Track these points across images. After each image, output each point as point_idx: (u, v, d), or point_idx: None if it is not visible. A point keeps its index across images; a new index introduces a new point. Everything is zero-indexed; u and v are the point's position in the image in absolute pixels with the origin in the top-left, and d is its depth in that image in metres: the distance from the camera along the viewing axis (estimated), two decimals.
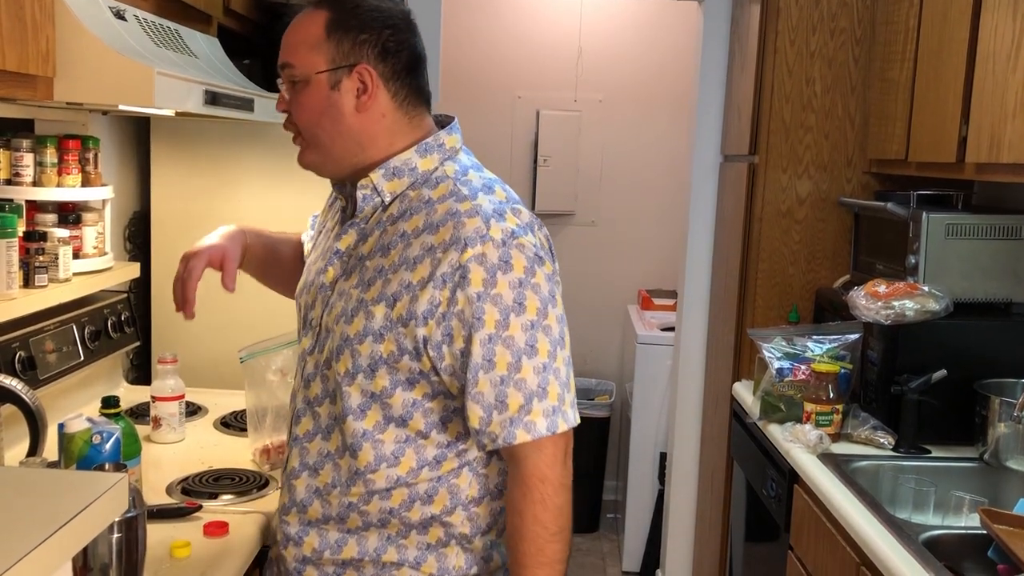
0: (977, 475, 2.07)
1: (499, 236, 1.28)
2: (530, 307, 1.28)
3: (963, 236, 2.26)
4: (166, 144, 2.49)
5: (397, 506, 1.36)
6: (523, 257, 1.29)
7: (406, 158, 1.37)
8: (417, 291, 1.28)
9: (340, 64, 1.34)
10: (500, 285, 1.27)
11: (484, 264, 1.27)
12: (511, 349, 1.27)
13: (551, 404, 1.29)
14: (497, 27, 4.40)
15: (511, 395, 1.28)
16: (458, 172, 1.38)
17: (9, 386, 1.55)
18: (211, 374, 2.46)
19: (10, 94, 1.44)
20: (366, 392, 1.33)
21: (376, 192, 1.37)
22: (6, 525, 0.89)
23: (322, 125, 1.36)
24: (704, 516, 3.31)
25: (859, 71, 2.76)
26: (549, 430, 1.29)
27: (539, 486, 1.30)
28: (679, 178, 4.01)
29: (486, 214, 1.30)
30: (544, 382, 1.29)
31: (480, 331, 1.26)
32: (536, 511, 1.30)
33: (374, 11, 1.36)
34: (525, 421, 1.28)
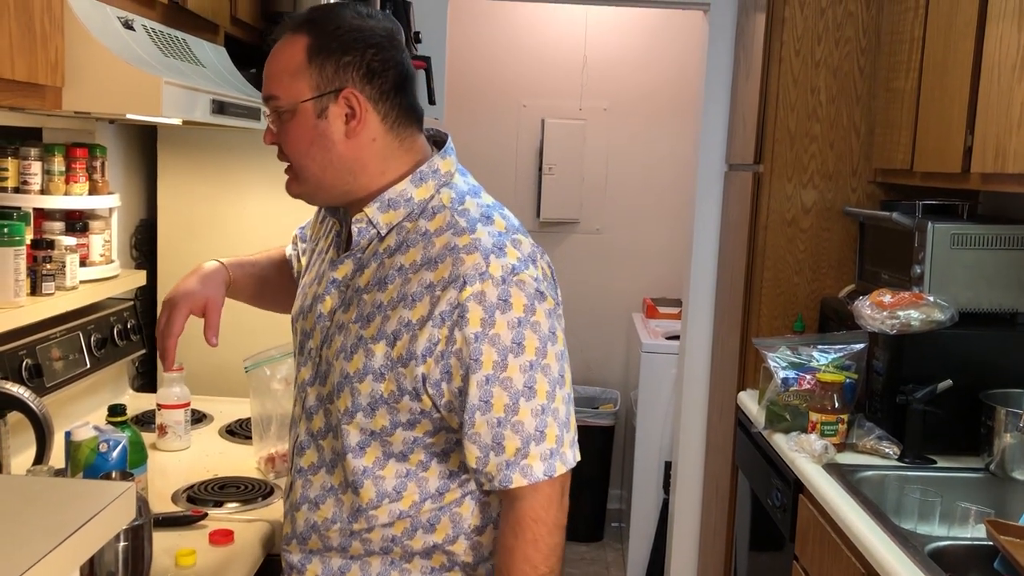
0: (983, 486, 2.07)
1: (499, 273, 1.25)
2: (529, 347, 1.25)
3: (968, 246, 2.26)
4: (173, 152, 2.50)
5: (400, 534, 1.35)
6: (523, 295, 1.25)
7: (401, 189, 1.32)
8: (416, 330, 1.25)
9: (325, 90, 1.29)
10: (498, 325, 1.24)
11: (483, 303, 1.23)
12: (508, 391, 1.24)
13: (548, 447, 1.26)
14: (502, 36, 4.42)
15: (508, 438, 1.25)
16: (455, 201, 1.33)
17: (16, 394, 1.55)
18: (216, 382, 2.46)
19: (19, 103, 1.45)
20: (365, 431, 1.31)
21: (372, 225, 1.33)
22: (15, 534, 0.90)
23: (311, 155, 1.31)
24: (709, 525, 3.31)
25: (864, 81, 2.76)
26: (546, 474, 1.26)
27: (532, 526, 1.28)
28: (684, 187, 4.02)
29: (485, 250, 1.26)
30: (542, 424, 1.26)
31: (477, 372, 1.24)
32: (527, 551, 1.28)
33: (355, 31, 1.30)
34: (522, 465, 1.26)
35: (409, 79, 1.35)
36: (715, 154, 3.27)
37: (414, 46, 2.85)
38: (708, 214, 3.29)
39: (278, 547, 1.65)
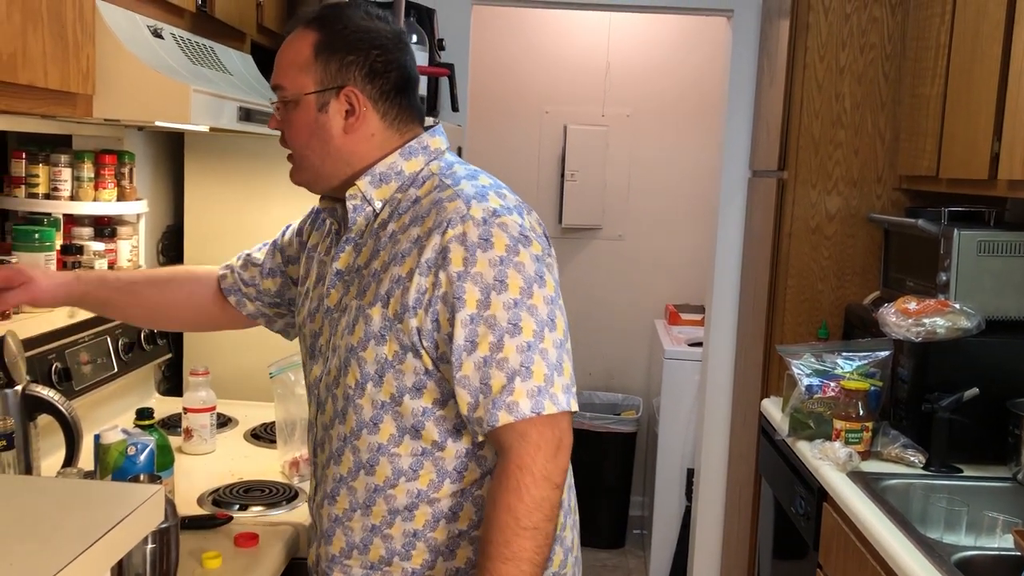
0: (1010, 495, 2.05)
1: (479, 215, 1.26)
2: (512, 285, 1.24)
3: (995, 253, 2.24)
4: (199, 159, 2.53)
5: (422, 527, 1.32)
6: (505, 235, 1.26)
7: (391, 162, 1.36)
8: (406, 282, 1.27)
9: (327, 86, 1.33)
10: (480, 263, 1.24)
11: (464, 243, 1.25)
12: (493, 329, 1.23)
13: (536, 384, 1.23)
14: (525, 43, 4.43)
15: (494, 375, 1.23)
16: (443, 168, 1.37)
17: (46, 397, 1.58)
18: (242, 386, 2.48)
19: (51, 111, 1.47)
20: (376, 402, 1.31)
21: (366, 200, 1.36)
22: (47, 536, 0.91)
23: (311, 146, 1.36)
24: (731, 533, 3.29)
25: (889, 87, 2.75)
26: (533, 410, 1.22)
27: (516, 474, 1.23)
28: (707, 193, 4.01)
29: (467, 196, 1.29)
30: (528, 361, 1.23)
31: (462, 311, 1.24)
32: (510, 500, 1.22)
33: (362, 32, 1.34)
34: (507, 402, 1.22)
35: (411, 81, 1.40)
36: (739, 160, 3.26)
37: (438, 53, 2.87)
38: (731, 220, 3.28)
39: (303, 551, 1.67)
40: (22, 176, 1.95)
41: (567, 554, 1.43)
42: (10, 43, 1.28)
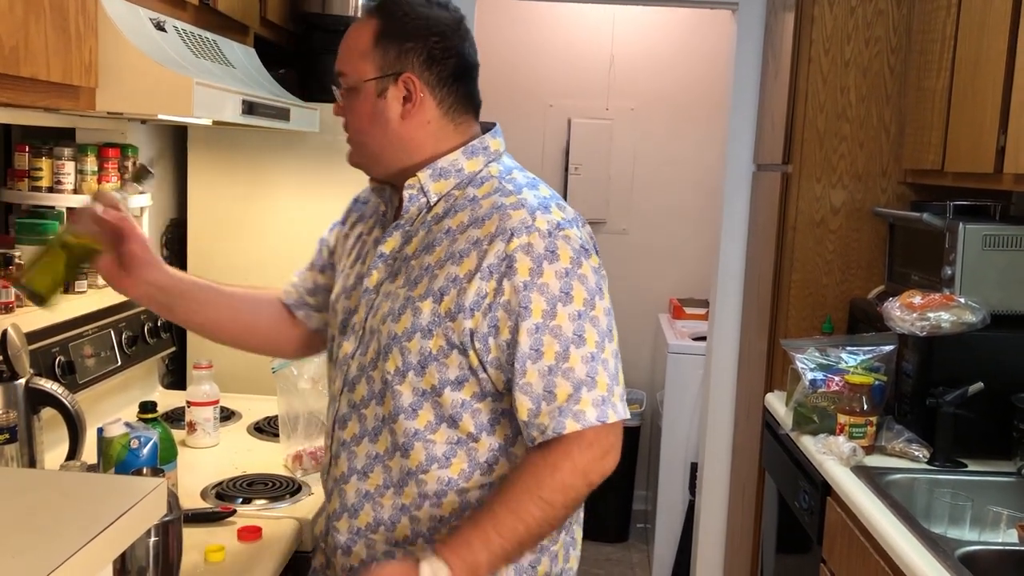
0: (1015, 490, 2.04)
1: (545, 227, 1.29)
2: (577, 297, 1.28)
3: (1000, 247, 2.23)
4: (203, 152, 2.53)
5: (448, 514, 1.34)
6: (569, 248, 1.30)
7: (453, 159, 1.38)
8: (464, 284, 1.29)
9: (386, 72, 1.36)
10: (547, 275, 1.27)
11: (531, 254, 1.27)
12: (559, 339, 1.27)
13: (600, 394, 1.28)
14: (529, 36, 4.42)
15: (560, 384, 1.27)
16: (502, 172, 1.40)
17: (50, 390, 1.58)
18: (245, 380, 2.48)
19: (54, 104, 1.47)
20: (417, 390, 1.33)
21: (422, 192, 1.38)
22: (51, 528, 0.91)
23: (370, 132, 1.39)
24: (735, 527, 3.29)
25: (894, 80, 2.74)
26: (599, 419, 1.27)
27: (560, 459, 1.27)
28: (711, 187, 4.00)
29: (531, 206, 1.32)
30: (593, 371, 1.28)
31: (527, 320, 1.26)
32: (542, 473, 1.27)
33: (421, 19, 1.36)
34: (574, 411, 1.27)
35: (469, 69, 1.41)
36: (743, 154, 3.25)
37: None
38: (736, 214, 3.27)
39: (306, 544, 1.67)
40: (25, 169, 1.95)
41: (570, 549, 1.45)
42: (12, 35, 1.28)
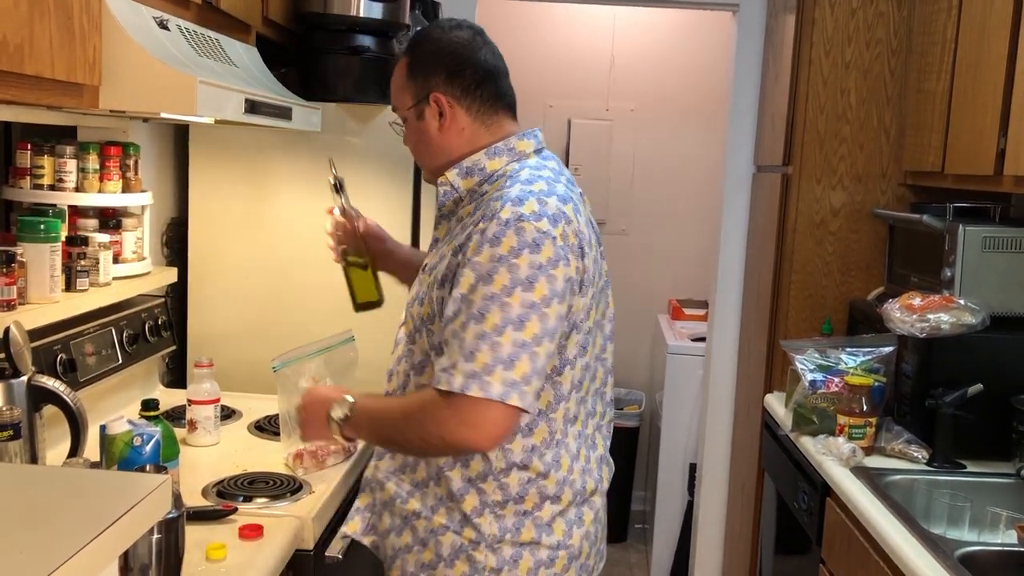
0: (1014, 491, 2.05)
1: (505, 216, 1.42)
2: (497, 282, 1.39)
3: (1000, 249, 2.24)
4: (204, 151, 2.53)
5: (443, 464, 1.54)
6: (515, 239, 1.40)
7: (476, 159, 1.57)
8: (447, 260, 1.50)
9: (419, 98, 1.57)
10: (483, 255, 1.41)
11: (483, 235, 1.43)
12: (467, 311, 1.41)
13: (474, 368, 1.38)
14: (530, 36, 4.42)
15: (450, 350, 1.42)
16: (515, 171, 1.54)
17: (52, 387, 1.58)
18: (245, 378, 2.48)
19: (57, 102, 1.47)
20: (424, 349, 1.56)
21: (453, 188, 1.59)
22: (56, 524, 0.91)
23: (419, 149, 1.63)
24: (734, 528, 3.29)
25: (895, 82, 2.74)
26: (460, 388, 1.38)
27: (435, 411, 1.42)
28: (711, 188, 4.00)
29: (507, 198, 1.46)
30: (477, 348, 1.38)
31: (456, 290, 1.44)
32: (426, 410, 1.44)
33: (436, 43, 1.57)
34: (449, 374, 1.40)
35: (490, 73, 1.58)
36: (743, 155, 3.25)
37: None
38: (736, 215, 3.28)
39: (307, 542, 1.67)
40: (27, 167, 1.95)
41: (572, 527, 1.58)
42: (17, 33, 1.28)
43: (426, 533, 1.56)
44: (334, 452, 1.97)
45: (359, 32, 2.45)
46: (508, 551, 1.52)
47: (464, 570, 1.53)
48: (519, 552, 1.53)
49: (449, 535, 1.54)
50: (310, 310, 2.47)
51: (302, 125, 2.18)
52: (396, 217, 2.47)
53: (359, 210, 1.92)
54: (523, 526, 1.52)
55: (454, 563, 1.54)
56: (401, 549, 1.60)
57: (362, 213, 1.93)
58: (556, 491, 1.54)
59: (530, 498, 1.52)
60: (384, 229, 1.96)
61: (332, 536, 1.81)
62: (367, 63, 2.46)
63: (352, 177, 2.56)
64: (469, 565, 1.53)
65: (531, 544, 1.53)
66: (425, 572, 1.57)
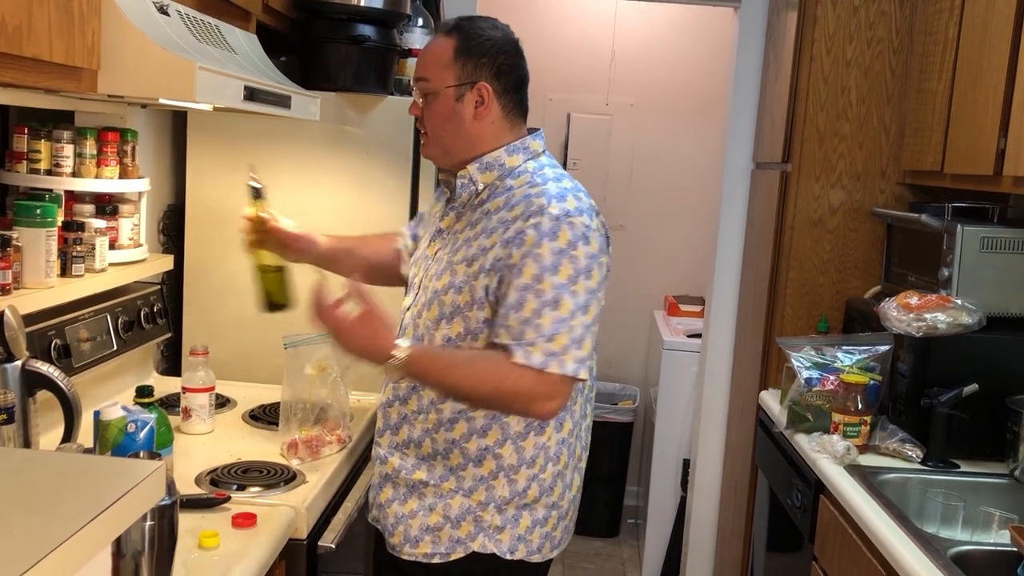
0: (1007, 491, 2.05)
1: (555, 212, 1.59)
2: (563, 272, 1.57)
3: (998, 250, 2.24)
4: (202, 138, 2.52)
5: (459, 437, 1.66)
6: (570, 232, 1.58)
7: (496, 155, 1.70)
8: (489, 251, 1.61)
9: (463, 81, 1.67)
10: (544, 248, 1.57)
11: (538, 230, 1.57)
12: (539, 299, 1.56)
13: (554, 348, 1.56)
14: (530, 29, 4.41)
15: (528, 332, 1.56)
16: (536, 168, 1.71)
17: (46, 372, 1.57)
18: (239, 367, 2.48)
19: (55, 86, 1.46)
20: (446, 336, 1.65)
21: (471, 181, 1.70)
22: (51, 508, 0.91)
23: (446, 128, 1.70)
24: (726, 524, 3.30)
25: (895, 81, 2.74)
26: (541, 366, 1.56)
27: (517, 374, 1.56)
28: (709, 184, 4.00)
29: (550, 195, 1.62)
30: (556, 331, 1.56)
31: (518, 280, 1.57)
32: (501, 372, 1.57)
33: (491, 40, 1.69)
34: (528, 350, 1.56)
35: (525, 83, 1.76)
36: (742, 152, 3.25)
37: None
38: (734, 212, 3.28)
39: (301, 532, 1.67)
40: (24, 151, 1.94)
41: (566, 490, 1.74)
42: (16, 15, 1.27)
43: (434, 499, 1.68)
44: (329, 443, 1.97)
45: (360, 21, 2.44)
46: (512, 511, 1.68)
47: (470, 530, 1.67)
48: (520, 512, 1.68)
49: (458, 498, 1.67)
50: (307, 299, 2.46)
51: (301, 114, 2.17)
52: (394, 207, 2.47)
53: (277, 214, 1.99)
54: (530, 488, 1.68)
55: (460, 524, 1.67)
56: (405, 516, 1.71)
57: (279, 217, 1.99)
58: (556, 452, 1.70)
59: (538, 461, 1.68)
60: (303, 228, 2.00)
61: (326, 526, 1.81)
62: (367, 53, 2.45)
63: (350, 167, 2.56)
64: (475, 525, 1.67)
65: (532, 504, 1.68)
66: (430, 534, 1.69)
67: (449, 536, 1.68)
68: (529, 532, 1.70)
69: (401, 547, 1.71)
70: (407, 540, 1.70)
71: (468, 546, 1.68)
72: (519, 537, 1.69)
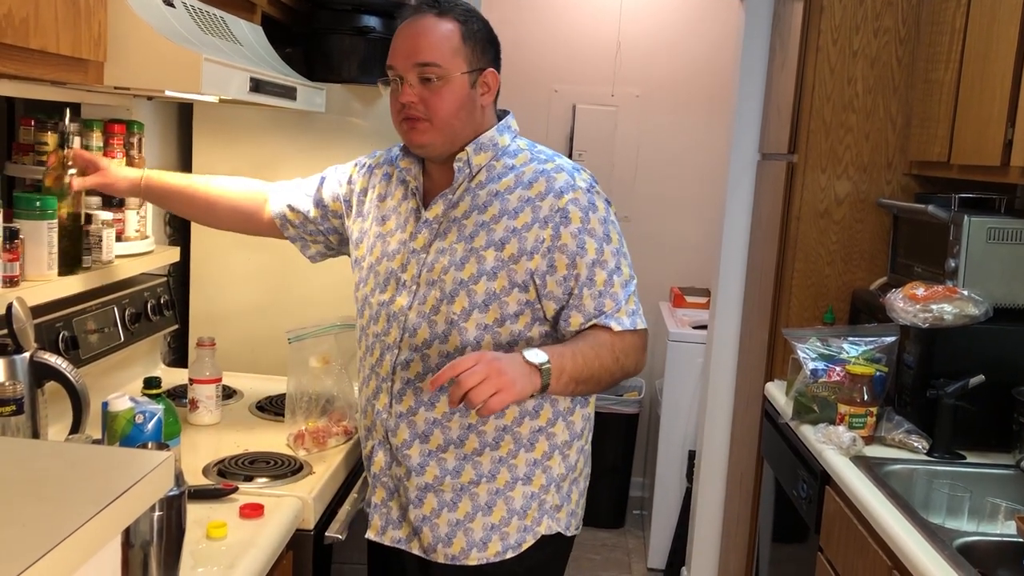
0: (1013, 482, 2.05)
1: (584, 185, 1.65)
2: (614, 238, 1.65)
3: (1005, 240, 2.23)
4: (208, 130, 2.52)
5: (510, 422, 1.65)
6: (601, 200, 1.66)
7: (490, 135, 1.69)
8: (523, 233, 1.61)
9: (475, 67, 1.64)
10: (593, 222, 1.62)
11: (579, 206, 1.62)
12: (605, 270, 1.63)
13: (631, 307, 1.66)
14: (536, 20, 4.40)
15: (607, 303, 1.63)
16: (530, 144, 1.74)
17: (54, 364, 1.58)
18: (246, 359, 2.48)
19: (62, 78, 1.47)
20: (480, 324, 1.62)
21: (467, 164, 1.66)
22: (60, 498, 0.91)
23: (459, 115, 1.64)
24: (732, 515, 3.30)
25: (902, 71, 2.73)
26: (631, 326, 1.65)
27: (621, 338, 1.64)
28: (715, 175, 3.99)
29: (568, 170, 1.66)
30: (627, 294, 1.66)
31: (585, 257, 1.61)
32: (612, 339, 1.63)
33: (488, 27, 1.69)
34: (616, 317, 1.63)
35: None
36: (748, 143, 3.24)
37: None
38: (739, 203, 3.27)
39: (308, 522, 1.68)
40: (31, 143, 1.94)
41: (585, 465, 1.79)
42: (23, 7, 1.27)
43: (489, 495, 1.66)
44: (335, 434, 1.97)
45: (365, 12, 2.44)
46: (566, 487, 1.72)
47: (535, 515, 1.68)
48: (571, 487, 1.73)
49: (519, 487, 1.66)
50: (312, 290, 2.46)
51: (306, 105, 2.17)
52: None
53: None
54: (578, 461, 1.74)
55: (526, 513, 1.67)
56: (461, 521, 1.67)
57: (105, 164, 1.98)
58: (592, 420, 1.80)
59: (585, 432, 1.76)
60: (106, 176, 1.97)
61: (332, 516, 1.81)
62: (372, 44, 2.45)
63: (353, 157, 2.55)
64: (539, 510, 1.68)
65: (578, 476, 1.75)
66: (496, 532, 1.67)
67: (517, 527, 1.67)
68: (578, 505, 1.76)
69: (466, 554, 1.66)
70: (472, 545, 1.66)
71: (536, 531, 1.68)
72: (571, 512, 1.74)
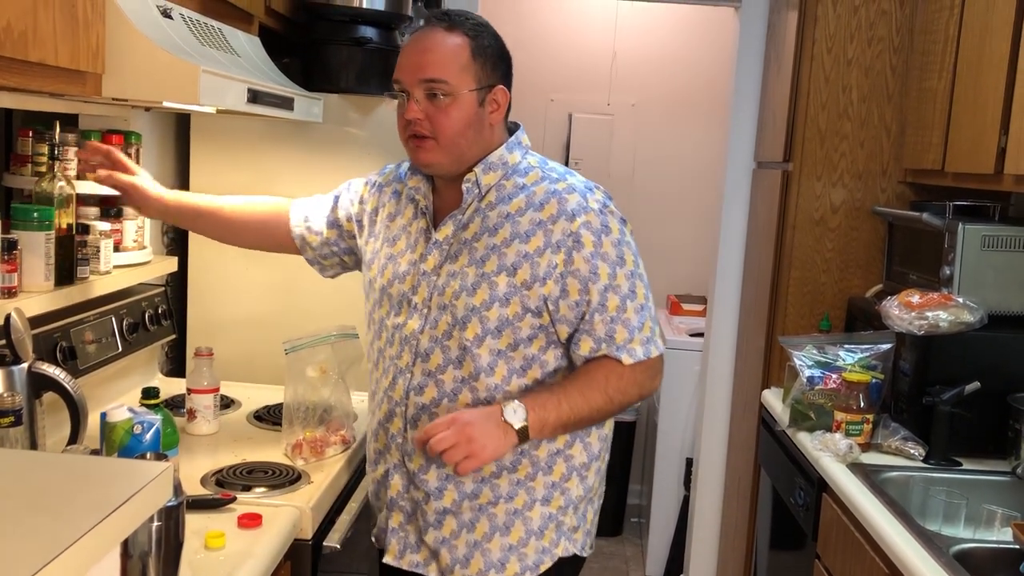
0: (1009, 489, 2.06)
1: (596, 206, 1.60)
2: (628, 260, 1.61)
3: (999, 248, 2.24)
4: (205, 141, 2.53)
5: (527, 446, 1.61)
6: (615, 220, 1.62)
7: (499, 154, 1.65)
8: (536, 258, 1.57)
9: (483, 85, 1.61)
10: (606, 245, 1.58)
11: (591, 229, 1.57)
12: (618, 295, 1.58)
13: (645, 335, 1.62)
14: (531, 29, 4.42)
15: (619, 331, 1.59)
16: (541, 162, 1.69)
17: (52, 374, 1.58)
18: (244, 368, 2.49)
19: (60, 90, 1.47)
20: (494, 350, 1.59)
21: (476, 185, 1.62)
22: (58, 510, 0.92)
23: (465, 134, 1.61)
24: (729, 523, 3.30)
25: (896, 80, 2.75)
26: (645, 355, 1.61)
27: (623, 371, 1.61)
28: (711, 184, 4.01)
29: (581, 190, 1.62)
30: (642, 319, 1.61)
31: (597, 283, 1.57)
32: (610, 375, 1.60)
33: (499, 43, 1.65)
34: (628, 348, 1.60)
35: None
36: (744, 151, 3.25)
37: None
38: (735, 211, 3.28)
39: (306, 532, 1.68)
40: (28, 154, 1.94)
41: (600, 484, 1.77)
42: (21, 20, 1.28)
43: (508, 516, 1.64)
44: (333, 443, 1.98)
45: (362, 23, 2.45)
46: (583, 508, 1.70)
47: (552, 537, 1.65)
48: (587, 508, 1.71)
49: (537, 508, 1.64)
50: (310, 300, 2.47)
51: (304, 116, 2.18)
52: None
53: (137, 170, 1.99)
54: (595, 482, 1.73)
55: (543, 533, 1.65)
56: (479, 542, 1.64)
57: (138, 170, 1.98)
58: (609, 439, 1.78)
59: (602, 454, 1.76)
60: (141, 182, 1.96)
61: (330, 526, 1.81)
62: (370, 54, 2.46)
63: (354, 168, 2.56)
64: (556, 531, 1.66)
65: (593, 497, 1.74)
66: (514, 552, 1.64)
67: (535, 548, 1.64)
68: (592, 524, 1.75)
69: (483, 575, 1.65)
70: (490, 566, 1.64)
71: (554, 554, 1.66)
72: (587, 532, 1.73)
